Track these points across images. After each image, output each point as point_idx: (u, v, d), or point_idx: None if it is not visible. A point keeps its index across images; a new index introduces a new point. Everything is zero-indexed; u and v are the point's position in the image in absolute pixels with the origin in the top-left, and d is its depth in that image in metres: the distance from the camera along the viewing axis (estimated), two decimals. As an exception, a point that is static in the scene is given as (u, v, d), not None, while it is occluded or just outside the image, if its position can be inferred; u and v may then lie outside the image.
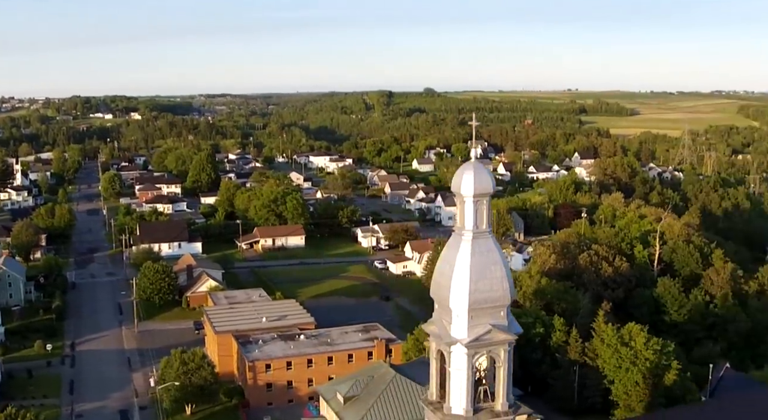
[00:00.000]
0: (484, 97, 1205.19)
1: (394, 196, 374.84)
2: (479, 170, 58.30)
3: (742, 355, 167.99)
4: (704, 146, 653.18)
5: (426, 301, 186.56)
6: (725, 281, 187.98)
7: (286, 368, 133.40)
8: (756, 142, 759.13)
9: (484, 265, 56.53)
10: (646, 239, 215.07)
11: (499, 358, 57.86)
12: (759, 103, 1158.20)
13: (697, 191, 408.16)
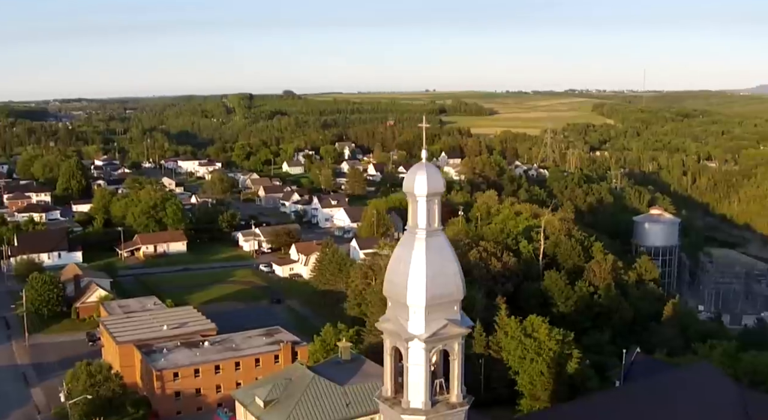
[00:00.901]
0: (345, 98, 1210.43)
1: (268, 199, 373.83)
2: (431, 170, 59.56)
3: (627, 342, 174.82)
4: (563, 144, 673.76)
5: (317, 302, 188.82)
6: (607, 273, 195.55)
7: (194, 376, 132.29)
8: (612, 139, 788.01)
9: (439, 262, 58.09)
10: (529, 235, 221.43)
11: (454, 351, 59.50)
12: (612, 101, 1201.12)
13: (562, 187, 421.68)
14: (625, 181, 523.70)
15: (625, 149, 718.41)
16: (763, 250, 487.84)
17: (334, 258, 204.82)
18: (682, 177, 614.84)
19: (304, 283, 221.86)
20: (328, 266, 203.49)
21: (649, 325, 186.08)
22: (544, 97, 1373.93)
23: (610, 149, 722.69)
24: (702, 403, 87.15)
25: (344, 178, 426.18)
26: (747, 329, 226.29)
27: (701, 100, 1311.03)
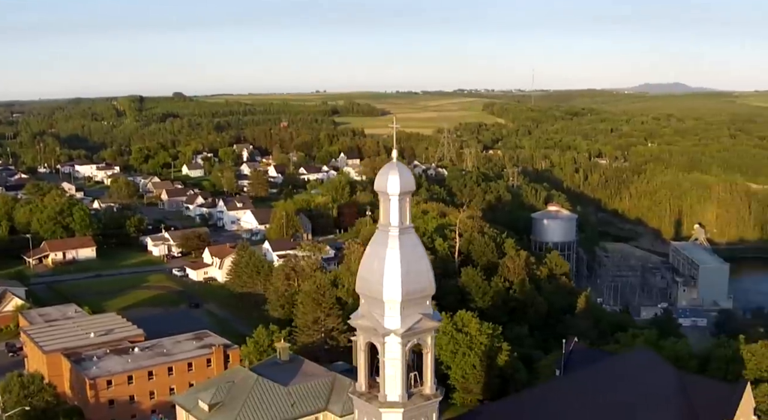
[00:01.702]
0: (236, 100, 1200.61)
1: (171, 202, 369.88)
2: (403, 170, 61.59)
3: (544, 335, 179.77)
4: (456, 143, 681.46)
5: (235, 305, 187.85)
6: (520, 268, 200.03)
7: (127, 383, 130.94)
8: (505, 137, 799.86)
9: (413, 258, 60.07)
10: (443, 233, 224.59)
11: (427, 344, 61.62)
12: (501, 101, 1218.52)
13: (461, 186, 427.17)
14: (521, 179, 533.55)
15: (517, 148, 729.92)
16: (655, 243, 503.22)
17: (251, 260, 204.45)
18: (575, 174, 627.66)
19: (220, 287, 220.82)
20: (245, 269, 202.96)
21: (563, 317, 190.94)
22: (434, 97, 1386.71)
23: (503, 148, 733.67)
24: (645, 386, 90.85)
25: (246, 181, 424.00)
26: (657, 318, 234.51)
27: (588, 99, 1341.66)
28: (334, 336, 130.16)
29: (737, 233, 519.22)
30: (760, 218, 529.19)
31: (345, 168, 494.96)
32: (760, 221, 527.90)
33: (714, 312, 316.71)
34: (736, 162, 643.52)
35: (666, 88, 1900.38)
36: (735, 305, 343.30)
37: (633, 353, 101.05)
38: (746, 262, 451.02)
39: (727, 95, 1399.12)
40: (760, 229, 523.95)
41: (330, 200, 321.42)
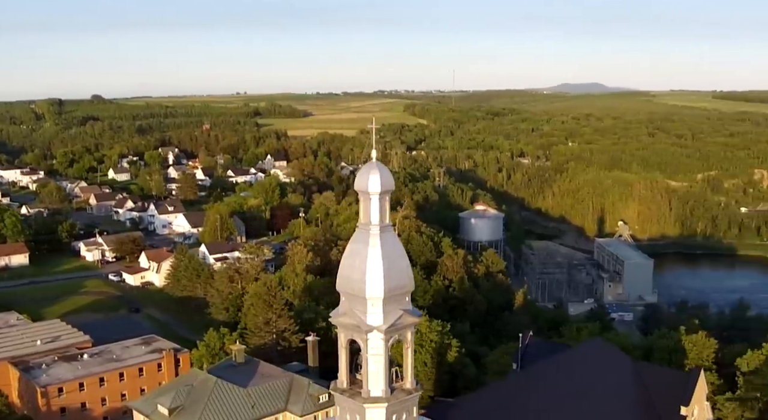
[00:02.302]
0: (157, 102, 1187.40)
1: (100, 207, 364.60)
2: (383, 169, 62.76)
3: (484, 331, 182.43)
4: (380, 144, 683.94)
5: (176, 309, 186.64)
6: (459, 266, 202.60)
7: (79, 390, 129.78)
8: (428, 138, 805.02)
9: (393, 255, 61.20)
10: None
11: (407, 340, 62.75)
12: (421, 101, 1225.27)
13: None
14: (447, 179, 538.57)
15: (440, 148, 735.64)
16: (578, 240, 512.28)
17: (191, 264, 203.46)
18: (498, 173, 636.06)
19: (159, 291, 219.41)
20: (185, 273, 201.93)
21: (501, 314, 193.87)
22: (355, 98, 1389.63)
23: (426, 148, 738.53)
24: (603, 375, 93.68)
25: (174, 184, 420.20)
26: (592, 312, 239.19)
27: (507, 99, 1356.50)
28: (286, 337, 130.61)
29: (658, 229, 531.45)
30: (680, 215, 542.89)
31: (273, 170, 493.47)
32: (680, 217, 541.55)
33: (640, 306, 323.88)
34: (655, 160, 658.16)
35: (584, 88, 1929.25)
36: (659, 299, 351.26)
37: (589, 344, 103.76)
38: (668, 257, 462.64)
39: (643, 95, 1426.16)
40: (681, 225, 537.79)
41: (262, 202, 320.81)
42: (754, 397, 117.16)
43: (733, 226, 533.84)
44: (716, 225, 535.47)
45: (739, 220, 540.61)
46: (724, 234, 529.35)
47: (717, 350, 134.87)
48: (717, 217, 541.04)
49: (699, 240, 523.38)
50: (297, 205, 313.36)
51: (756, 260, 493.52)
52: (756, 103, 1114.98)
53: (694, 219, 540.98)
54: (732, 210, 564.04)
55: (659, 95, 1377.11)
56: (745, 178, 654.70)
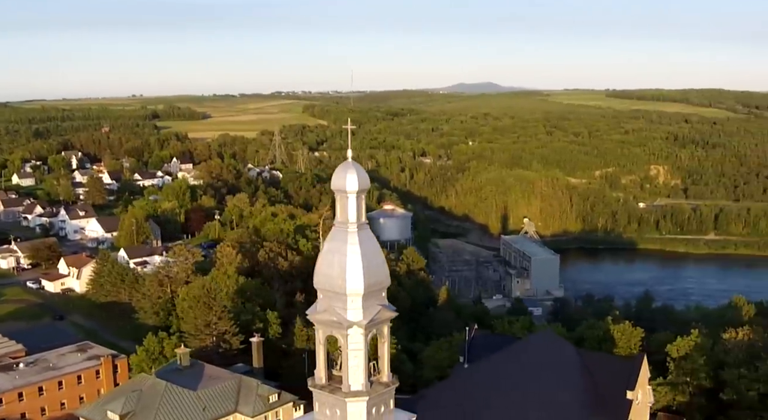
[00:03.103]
0: (53, 106, 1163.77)
1: (7, 213, 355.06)
2: (359, 169, 64.70)
3: (411, 328, 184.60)
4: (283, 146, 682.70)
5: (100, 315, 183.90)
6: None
7: (18, 400, 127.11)
8: (329, 139, 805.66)
9: (371, 252, 63.16)
10: (304, 233, 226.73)
11: (383, 334, 64.77)
12: (319, 102, 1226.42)
13: (297, 188, 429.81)
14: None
15: (342, 148, 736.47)
16: (483, 238, 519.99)
17: (114, 269, 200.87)
18: (401, 173, 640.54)
19: (80, 298, 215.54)
20: (108, 278, 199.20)
21: (426, 311, 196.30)
22: (252, 99, 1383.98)
23: (328, 149, 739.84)
24: (552, 365, 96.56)
25: (82, 188, 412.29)
26: (513, 308, 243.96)
27: (405, 99, 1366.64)
28: (227, 339, 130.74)
29: (560, 225, 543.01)
30: (581, 211, 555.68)
31: (179, 173, 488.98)
32: (581, 214, 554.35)
33: (548, 301, 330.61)
34: (554, 158, 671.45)
35: (479, 88, 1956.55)
36: (566, 294, 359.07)
37: (538, 335, 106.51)
38: (570, 252, 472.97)
39: (538, 94, 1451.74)
40: (582, 221, 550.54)
41: (177, 206, 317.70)
42: (684, 382, 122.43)
43: (633, 220, 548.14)
44: (616, 220, 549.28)
45: (638, 215, 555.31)
46: (624, 229, 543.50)
47: (643, 338, 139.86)
48: (617, 213, 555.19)
49: (600, 235, 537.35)
50: (210, 208, 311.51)
51: (655, 253, 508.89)
52: (648, 101, 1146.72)
53: (595, 215, 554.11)
54: (631, 205, 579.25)
55: (553, 94, 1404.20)
56: (642, 174, 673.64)
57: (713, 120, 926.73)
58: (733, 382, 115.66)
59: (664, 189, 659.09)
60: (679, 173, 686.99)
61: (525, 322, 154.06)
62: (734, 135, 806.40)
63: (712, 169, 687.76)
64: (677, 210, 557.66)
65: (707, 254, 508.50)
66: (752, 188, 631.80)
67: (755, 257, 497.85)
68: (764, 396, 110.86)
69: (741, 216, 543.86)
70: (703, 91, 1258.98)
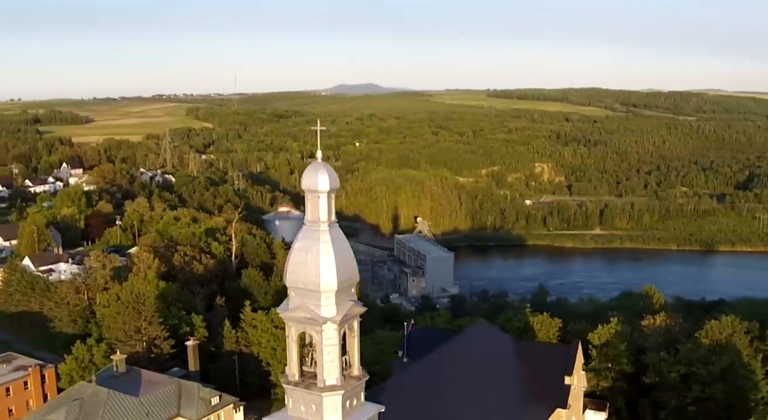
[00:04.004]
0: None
1: None
2: (329, 169, 66.49)
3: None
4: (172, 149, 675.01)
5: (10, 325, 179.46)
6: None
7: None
8: (216, 141, 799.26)
9: (342, 250, 65.11)
10: (214, 237, 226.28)
11: (353, 329, 66.67)
12: (202, 105, 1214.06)
13: (191, 192, 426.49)
14: (245, 182, 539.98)
15: (230, 151, 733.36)
16: (374, 238, 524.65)
17: (24, 278, 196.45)
18: (290, 175, 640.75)
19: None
20: (18, 287, 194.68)
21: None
22: (134, 102, 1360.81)
23: (215, 152, 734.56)
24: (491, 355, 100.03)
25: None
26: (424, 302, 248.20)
27: (287, 101, 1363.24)
28: (158, 344, 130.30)
29: (451, 224, 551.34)
30: (470, 209, 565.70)
31: (70, 178, 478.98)
32: (470, 212, 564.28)
33: (444, 298, 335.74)
34: (441, 157, 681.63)
35: (361, 89, 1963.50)
36: (462, 290, 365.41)
37: (474, 327, 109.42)
38: (462, 250, 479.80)
39: (420, 94, 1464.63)
40: (471, 219, 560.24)
41: (76, 212, 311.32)
42: (606, 368, 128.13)
43: (521, 217, 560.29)
44: (505, 217, 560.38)
45: (526, 212, 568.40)
46: (512, 226, 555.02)
47: (560, 329, 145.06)
48: (505, 210, 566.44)
49: (490, 232, 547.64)
50: (109, 214, 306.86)
51: (544, 249, 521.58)
52: (529, 101, 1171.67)
53: (484, 212, 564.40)
54: (518, 203, 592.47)
55: (436, 95, 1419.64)
56: (527, 172, 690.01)
57: (593, 118, 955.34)
58: (655, 365, 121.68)
59: (549, 186, 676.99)
60: (562, 170, 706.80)
61: (447, 316, 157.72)
62: (614, 133, 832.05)
63: (595, 166, 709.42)
64: (563, 206, 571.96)
65: (594, 248, 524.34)
66: (634, 184, 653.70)
67: (639, 250, 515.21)
68: (686, 376, 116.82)
69: (625, 211, 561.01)
70: (583, 90, 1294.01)
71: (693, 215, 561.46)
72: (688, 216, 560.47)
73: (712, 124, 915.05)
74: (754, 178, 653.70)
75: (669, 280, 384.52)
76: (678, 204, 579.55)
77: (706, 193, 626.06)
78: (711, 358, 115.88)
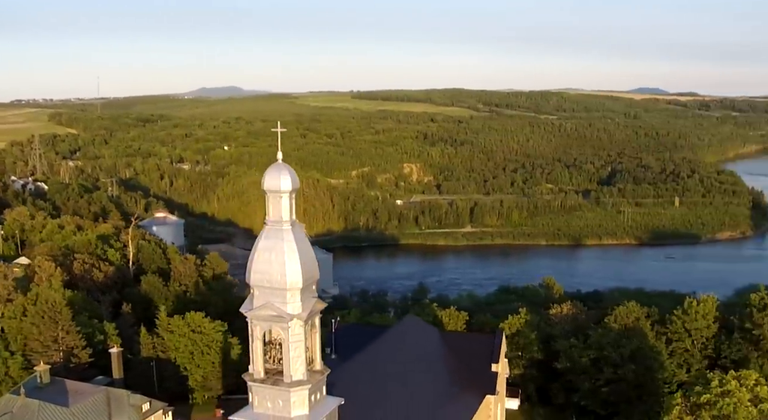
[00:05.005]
0: None
1: None
2: (290, 170, 69.57)
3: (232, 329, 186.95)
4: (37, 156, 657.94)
5: None
6: (192, 271, 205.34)
7: None
8: (82, 147, 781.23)
9: (305, 248, 68.09)
10: (108, 244, 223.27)
11: (315, 325, 69.45)
12: (63, 110, 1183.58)
13: (65, 199, 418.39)
14: (119, 188, 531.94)
15: (98, 157, 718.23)
16: (248, 242, 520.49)
17: None
18: (161, 180, 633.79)
19: None
20: None
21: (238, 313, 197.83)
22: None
23: (83, 158, 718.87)
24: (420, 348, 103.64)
25: None
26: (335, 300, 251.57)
27: (151, 106, 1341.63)
28: (75, 353, 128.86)
29: (324, 225, 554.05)
30: (343, 210, 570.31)
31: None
32: (342, 213, 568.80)
33: (326, 299, 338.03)
34: (311, 160, 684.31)
35: (223, 92, 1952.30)
36: (341, 291, 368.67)
37: (403, 322, 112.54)
38: (336, 251, 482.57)
39: (284, 97, 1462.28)
40: (344, 220, 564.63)
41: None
42: (517, 356, 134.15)
43: (393, 217, 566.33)
44: (377, 218, 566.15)
45: (398, 212, 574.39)
46: (385, 226, 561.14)
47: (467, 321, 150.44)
48: (377, 211, 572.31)
49: (363, 233, 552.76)
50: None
51: (417, 248, 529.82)
52: (394, 102, 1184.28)
53: (356, 213, 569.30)
54: (390, 203, 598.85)
55: (300, 97, 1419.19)
56: (396, 172, 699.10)
57: (458, 119, 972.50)
58: (566, 351, 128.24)
59: (418, 186, 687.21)
60: (431, 170, 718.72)
61: (357, 313, 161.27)
62: (480, 132, 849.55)
63: (462, 166, 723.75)
64: (434, 205, 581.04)
65: (466, 246, 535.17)
66: (501, 182, 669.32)
67: (510, 246, 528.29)
68: (596, 360, 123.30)
69: (495, 208, 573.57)
70: (446, 91, 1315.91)
71: (560, 211, 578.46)
72: (556, 212, 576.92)
73: (573, 123, 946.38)
74: (616, 174, 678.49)
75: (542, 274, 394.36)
76: (545, 200, 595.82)
77: (571, 189, 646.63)
78: (621, 341, 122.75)
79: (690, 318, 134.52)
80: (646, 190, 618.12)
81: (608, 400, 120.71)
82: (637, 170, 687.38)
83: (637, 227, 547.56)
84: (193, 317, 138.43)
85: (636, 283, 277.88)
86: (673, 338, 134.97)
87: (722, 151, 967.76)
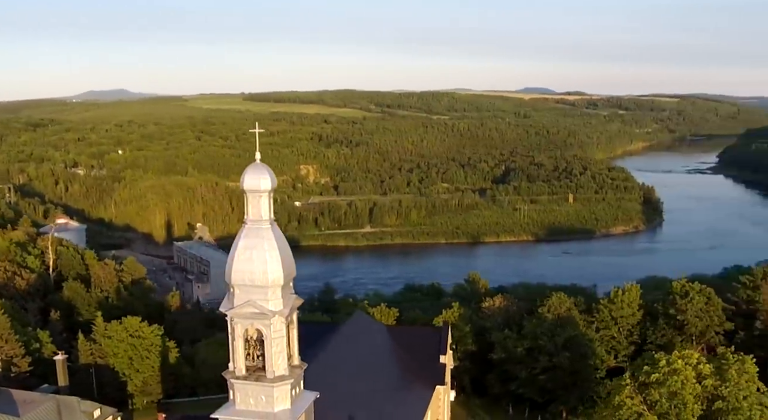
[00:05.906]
0: None
1: None
2: (269, 170, 71.54)
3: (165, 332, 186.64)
4: None
5: None
6: (113, 276, 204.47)
7: None
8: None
9: (284, 246, 70.38)
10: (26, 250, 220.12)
11: (293, 321, 71.83)
12: None
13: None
14: (16, 195, 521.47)
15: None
16: (148, 247, 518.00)
17: None
18: (56, 186, 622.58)
19: None
20: None
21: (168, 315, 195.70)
22: None
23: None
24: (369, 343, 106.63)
25: None
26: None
27: (38, 109, 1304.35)
28: (15, 362, 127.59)
29: (225, 228, 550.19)
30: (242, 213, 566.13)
31: None
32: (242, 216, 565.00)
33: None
34: (208, 163, 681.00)
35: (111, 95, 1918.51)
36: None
37: (351, 319, 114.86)
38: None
39: (175, 99, 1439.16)
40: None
41: None
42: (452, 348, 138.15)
43: (293, 219, 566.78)
44: (277, 219, 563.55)
45: (297, 214, 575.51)
46: (285, 228, 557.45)
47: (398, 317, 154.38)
48: (277, 212, 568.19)
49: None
50: None
51: (318, 249, 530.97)
52: (286, 104, 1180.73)
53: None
54: (288, 204, 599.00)
55: (191, 99, 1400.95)
56: (293, 174, 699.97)
57: (352, 120, 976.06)
58: (501, 342, 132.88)
59: (315, 187, 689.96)
60: (327, 171, 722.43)
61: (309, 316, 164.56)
62: (374, 133, 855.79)
63: (358, 166, 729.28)
64: (333, 206, 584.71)
65: (366, 246, 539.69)
66: (397, 182, 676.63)
67: (410, 245, 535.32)
68: (530, 350, 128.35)
69: (393, 208, 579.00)
70: (337, 92, 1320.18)
71: (458, 210, 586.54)
72: (454, 211, 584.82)
73: (465, 122, 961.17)
74: (510, 173, 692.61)
75: (444, 271, 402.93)
76: (443, 200, 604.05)
77: (467, 188, 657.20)
78: (556, 330, 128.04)
79: (616, 306, 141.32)
80: (541, 187, 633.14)
81: (545, 387, 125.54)
82: (530, 168, 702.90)
83: (533, 224, 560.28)
84: (131, 322, 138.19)
85: (536, 278, 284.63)
86: (600, 326, 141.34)
87: (611, 149, 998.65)
